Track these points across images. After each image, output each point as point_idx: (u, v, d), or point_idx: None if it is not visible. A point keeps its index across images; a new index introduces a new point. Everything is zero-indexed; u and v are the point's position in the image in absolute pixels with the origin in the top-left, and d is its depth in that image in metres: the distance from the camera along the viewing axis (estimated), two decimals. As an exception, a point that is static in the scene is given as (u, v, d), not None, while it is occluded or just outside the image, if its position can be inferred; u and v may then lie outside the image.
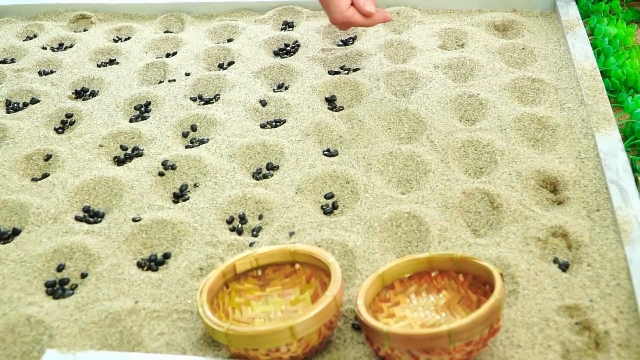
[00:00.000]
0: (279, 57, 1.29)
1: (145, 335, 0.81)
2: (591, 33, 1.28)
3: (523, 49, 1.23)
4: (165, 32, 1.41)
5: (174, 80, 1.24)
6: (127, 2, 1.48)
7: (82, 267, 0.91)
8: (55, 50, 1.38)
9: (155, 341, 0.80)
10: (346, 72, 1.23)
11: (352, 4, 1.13)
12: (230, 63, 1.29)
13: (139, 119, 1.17)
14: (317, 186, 0.99)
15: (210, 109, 1.15)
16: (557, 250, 0.88)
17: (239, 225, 0.95)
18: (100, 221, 0.98)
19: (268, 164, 1.05)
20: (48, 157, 1.09)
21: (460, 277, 0.81)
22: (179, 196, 1.01)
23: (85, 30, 1.45)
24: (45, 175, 1.06)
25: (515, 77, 1.15)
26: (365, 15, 1.12)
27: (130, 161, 1.07)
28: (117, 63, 1.32)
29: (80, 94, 1.24)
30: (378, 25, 1.35)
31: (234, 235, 0.93)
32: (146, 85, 1.25)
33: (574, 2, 1.31)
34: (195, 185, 1.02)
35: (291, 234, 0.92)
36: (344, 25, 1.14)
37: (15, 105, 1.21)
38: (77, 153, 1.09)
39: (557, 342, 0.76)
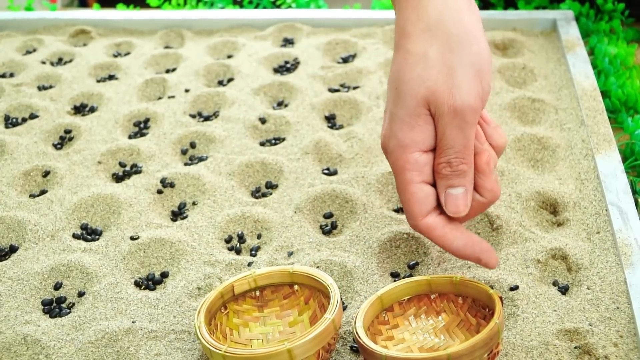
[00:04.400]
0: (279, 74, 1.29)
1: (142, 356, 0.80)
2: (591, 52, 1.28)
3: (523, 68, 1.23)
4: (165, 47, 1.41)
5: (174, 97, 1.24)
6: (127, 17, 1.48)
7: (80, 285, 0.91)
8: (55, 64, 1.38)
9: (152, 362, 0.80)
10: (346, 90, 1.23)
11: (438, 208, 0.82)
12: (230, 80, 1.29)
13: (138, 135, 1.16)
14: (316, 205, 0.99)
15: (210, 126, 1.15)
16: (557, 272, 0.88)
17: (238, 245, 0.95)
18: (98, 239, 0.98)
19: (267, 183, 1.04)
20: (46, 174, 1.08)
21: (460, 300, 0.80)
22: (178, 214, 1.01)
23: (84, 45, 1.45)
24: (43, 192, 1.06)
25: (515, 97, 1.15)
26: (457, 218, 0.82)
27: (128, 178, 1.07)
28: (117, 78, 1.32)
29: (79, 109, 1.24)
30: (378, 42, 1.34)
31: (233, 255, 0.93)
32: (145, 101, 1.25)
33: (574, 22, 1.32)
34: (193, 204, 1.02)
35: (290, 254, 0.92)
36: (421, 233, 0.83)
37: (14, 120, 1.21)
38: (76, 169, 1.08)
39: (557, 366, 0.75)
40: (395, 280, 0.88)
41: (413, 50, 0.78)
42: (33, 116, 1.22)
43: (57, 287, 0.91)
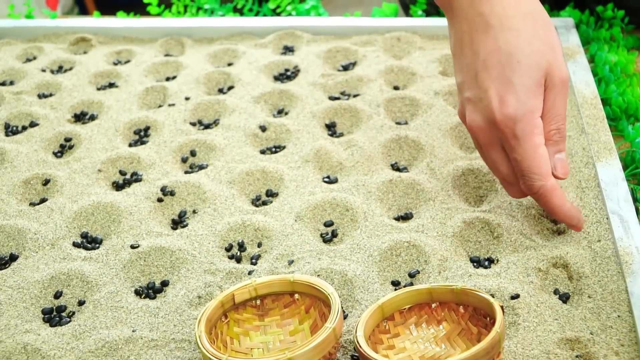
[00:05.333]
0: (279, 82, 1.29)
1: (143, 365, 0.80)
2: (592, 60, 1.28)
3: (523, 76, 1.23)
4: (166, 55, 1.41)
5: (174, 105, 1.24)
6: (128, 25, 1.48)
7: (80, 294, 0.91)
8: (55, 72, 1.38)
9: (152, 371, 0.79)
10: (346, 97, 1.23)
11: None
12: (230, 87, 1.29)
13: (138, 143, 1.16)
14: (316, 214, 0.99)
15: (210, 134, 1.15)
16: (558, 281, 0.88)
17: (238, 253, 0.94)
18: (98, 247, 0.98)
19: (267, 191, 1.04)
20: (46, 182, 1.08)
21: (461, 309, 0.80)
22: (178, 223, 1.01)
23: (85, 52, 1.45)
24: (43, 200, 1.06)
25: (516, 105, 1.15)
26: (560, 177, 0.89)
27: (129, 186, 1.07)
28: (117, 86, 1.32)
29: (80, 117, 1.24)
30: (378, 50, 1.35)
31: (233, 263, 0.93)
32: (146, 109, 1.25)
33: (575, 29, 1.32)
34: (194, 212, 1.02)
35: (290, 262, 0.92)
36: (541, 195, 0.88)
37: (14, 128, 1.21)
38: (76, 178, 1.08)
39: (558, 376, 0.75)
40: (396, 289, 0.88)
41: (524, 30, 0.89)
42: (33, 124, 1.21)
43: (57, 295, 0.91)
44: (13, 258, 0.96)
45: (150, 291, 0.90)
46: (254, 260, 0.93)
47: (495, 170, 0.92)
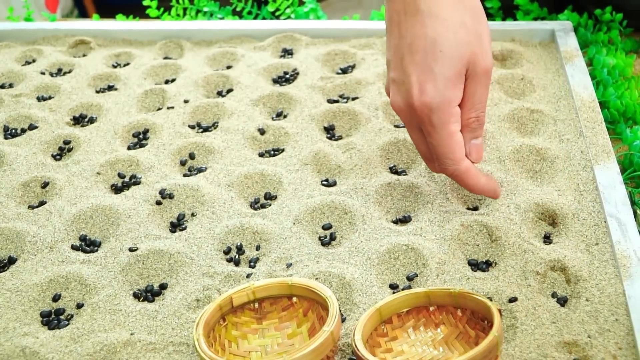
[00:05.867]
0: (278, 85, 1.30)
1: (141, 368, 0.80)
2: (590, 63, 1.29)
3: (522, 79, 1.23)
4: (165, 58, 1.41)
5: (173, 108, 1.24)
6: (127, 28, 1.48)
7: (78, 297, 0.91)
8: (54, 75, 1.38)
9: (150, 374, 0.79)
10: (345, 100, 1.23)
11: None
12: (229, 90, 1.29)
13: (137, 146, 1.16)
14: (315, 217, 0.99)
15: (209, 137, 1.15)
16: (556, 284, 0.88)
17: (236, 256, 0.95)
18: (96, 250, 0.98)
19: (266, 194, 1.04)
20: (45, 185, 1.08)
21: (459, 312, 0.80)
22: (176, 226, 1.01)
23: (84, 55, 1.45)
24: (42, 203, 1.06)
25: (514, 108, 1.15)
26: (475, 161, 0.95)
27: (127, 189, 1.07)
28: (116, 89, 1.32)
29: (79, 120, 1.24)
30: (377, 53, 1.35)
31: (231, 266, 0.93)
32: (145, 112, 1.25)
33: (573, 32, 1.32)
34: (192, 215, 1.02)
35: (289, 265, 0.92)
36: (456, 176, 0.94)
37: (13, 131, 1.21)
38: (75, 180, 1.08)
39: (556, 379, 0.75)
40: (394, 292, 0.88)
41: (450, 18, 0.90)
42: (32, 127, 1.22)
43: (55, 298, 0.91)
44: (11, 261, 0.96)
45: (148, 294, 0.90)
46: (252, 264, 0.93)
47: (416, 147, 0.96)
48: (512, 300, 0.84)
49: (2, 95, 1.30)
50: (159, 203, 1.03)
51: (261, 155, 1.13)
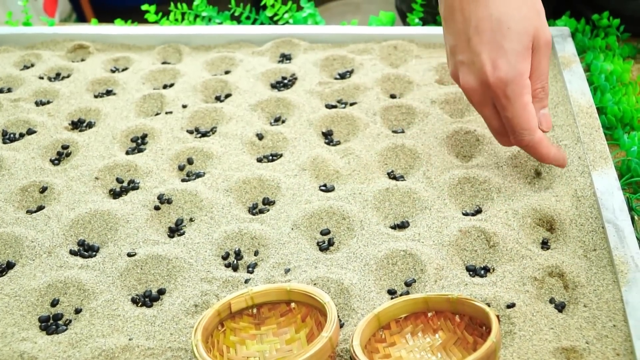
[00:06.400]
0: (276, 90, 1.30)
1: (139, 374, 0.80)
2: (587, 69, 1.29)
3: (520, 84, 1.23)
4: (163, 63, 1.41)
5: (171, 113, 1.24)
6: (125, 32, 1.48)
7: (76, 302, 0.91)
8: (53, 80, 1.38)
9: (149, 380, 0.80)
10: (343, 106, 1.23)
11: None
12: (228, 95, 1.29)
13: (135, 151, 1.16)
14: (313, 222, 0.99)
15: (207, 142, 1.15)
16: (554, 290, 0.88)
17: (235, 262, 0.95)
18: (95, 255, 0.98)
19: (264, 199, 1.04)
20: (43, 189, 1.08)
21: (457, 318, 0.81)
22: (175, 231, 1.01)
23: (82, 60, 1.45)
24: (40, 208, 1.06)
25: (512, 113, 1.15)
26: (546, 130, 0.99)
27: (126, 194, 1.07)
28: (114, 94, 1.32)
29: (77, 125, 1.24)
30: (375, 58, 1.35)
31: (230, 272, 0.93)
32: (143, 117, 1.25)
33: (570, 38, 1.32)
34: (191, 220, 1.02)
35: (287, 271, 0.92)
36: (530, 147, 0.98)
37: (12, 135, 1.21)
38: (73, 185, 1.08)
39: (554, 385, 0.75)
40: (392, 298, 0.88)
41: None
42: (30, 131, 1.22)
43: (53, 303, 0.91)
44: (10, 266, 0.96)
45: (146, 299, 0.91)
46: (250, 269, 0.93)
47: (488, 124, 1.01)
48: (510, 306, 0.84)
49: (1, 100, 1.30)
50: (157, 208, 1.03)
51: (259, 160, 1.13)
